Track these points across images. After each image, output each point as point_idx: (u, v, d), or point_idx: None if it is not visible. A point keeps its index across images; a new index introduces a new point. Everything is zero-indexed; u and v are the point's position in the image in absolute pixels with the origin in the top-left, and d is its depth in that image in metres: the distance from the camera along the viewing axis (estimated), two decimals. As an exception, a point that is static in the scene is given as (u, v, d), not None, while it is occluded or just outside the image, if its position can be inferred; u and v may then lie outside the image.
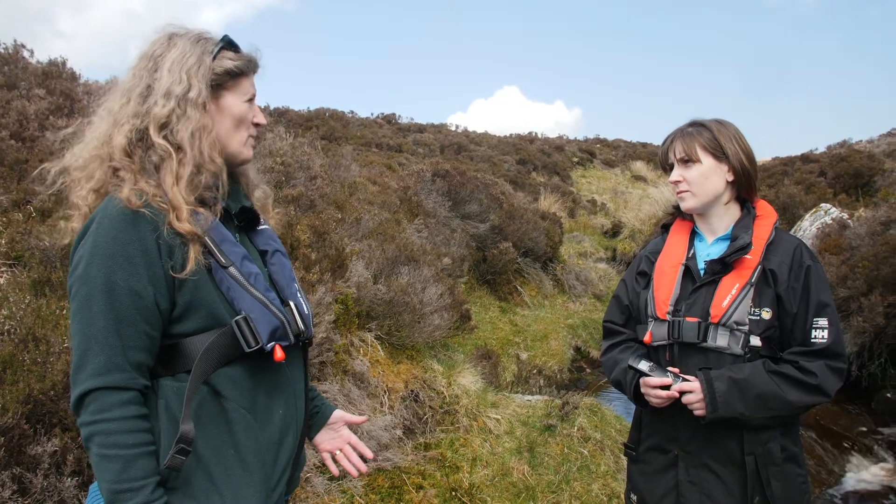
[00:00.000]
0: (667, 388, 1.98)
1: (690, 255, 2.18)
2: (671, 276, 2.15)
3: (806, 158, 13.54)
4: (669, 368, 2.01)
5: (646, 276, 2.27)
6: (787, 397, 1.90)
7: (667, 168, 2.21)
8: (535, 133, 28.83)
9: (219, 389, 1.52)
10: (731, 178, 2.11)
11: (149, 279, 1.45)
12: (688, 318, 2.04)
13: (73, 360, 1.44)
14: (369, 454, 1.93)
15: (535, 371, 6.16)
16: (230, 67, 1.62)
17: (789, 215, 9.91)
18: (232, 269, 1.55)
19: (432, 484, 4.01)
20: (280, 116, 18.44)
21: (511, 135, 27.47)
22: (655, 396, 2.01)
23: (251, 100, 1.69)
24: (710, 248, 2.17)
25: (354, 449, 1.95)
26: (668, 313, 2.09)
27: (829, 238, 7.64)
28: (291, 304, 1.67)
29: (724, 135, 2.10)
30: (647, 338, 2.13)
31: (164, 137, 1.54)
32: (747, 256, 2.02)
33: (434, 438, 4.52)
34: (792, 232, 8.81)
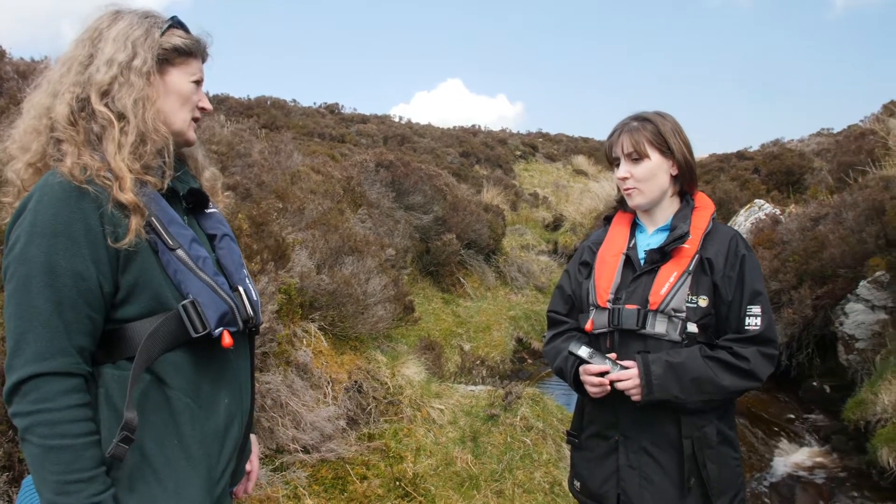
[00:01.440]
0: (606, 374, 2.02)
1: (631, 244, 2.22)
2: (612, 265, 2.18)
3: (741, 156, 13.96)
4: (608, 356, 2.04)
5: (588, 266, 2.30)
6: (721, 382, 1.96)
7: (612, 162, 2.23)
8: (479, 126, 28.93)
9: (162, 377, 1.48)
10: (674, 173, 2.15)
11: (92, 260, 1.39)
12: (627, 306, 2.07)
13: (7, 345, 1.37)
14: (251, 490, 1.89)
15: (478, 362, 6.21)
16: (178, 44, 1.59)
17: (725, 210, 10.17)
18: (179, 252, 1.51)
19: (376, 474, 4.01)
20: (220, 104, 18.04)
21: (454, 127, 27.52)
22: (592, 384, 2.05)
23: (198, 82, 1.66)
24: (650, 239, 2.20)
25: (248, 478, 1.88)
26: (609, 301, 2.12)
27: (762, 233, 7.90)
28: (240, 289, 1.64)
29: (668, 129, 2.13)
30: (588, 325, 2.16)
31: (106, 105, 1.49)
32: (685, 246, 2.07)
33: (378, 429, 4.52)
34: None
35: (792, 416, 6.41)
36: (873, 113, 10.91)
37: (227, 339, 1.53)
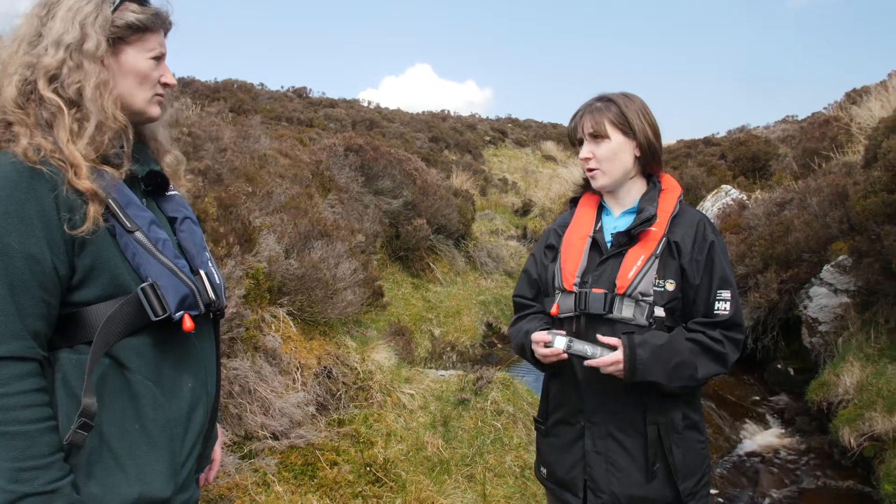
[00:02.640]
0: (585, 360, 1.99)
1: (598, 227, 2.19)
2: (578, 248, 2.15)
3: (708, 142, 14.06)
4: (600, 337, 1.98)
5: (554, 250, 2.26)
6: (698, 367, 1.95)
7: (575, 143, 2.20)
8: (448, 111, 28.85)
9: (122, 361, 1.43)
10: (637, 154, 2.12)
11: (46, 242, 1.34)
12: (594, 290, 2.04)
13: None
14: (211, 479, 1.84)
15: (448, 347, 6.19)
16: (132, 21, 1.51)
17: (692, 196, 10.26)
18: (138, 234, 1.46)
19: (346, 460, 3.97)
20: (185, 87, 17.70)
21: (424, 112, 27.36)
22: (543, 354, 2.03)
23: (159, 58, 1.58)
24: (616, 221, 2.18)
25: (210, 466, 1.83)
26: (575, 285, 2.08)
27: (729, 218, 7.98)
28: (202, 272, 1.60)
29: (631, 109, 2.10)
30: (553, 310, 2.12)
31: (55, 91, 1.43)
32: (652, 229, 2.04)
33: (348, 414, 4.48)
34: (694, 211, 9.12)
35: (757, 398, 6.51)
36: (836, 101, 11.06)
37: (188, 323, 1.48)
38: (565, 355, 1.99)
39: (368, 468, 3.94)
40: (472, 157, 20.37)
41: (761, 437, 5.76)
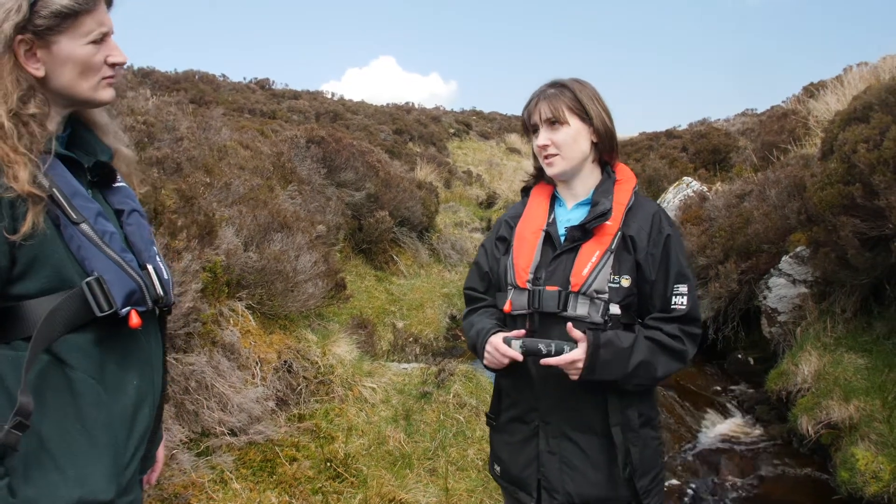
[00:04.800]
0: (545, 357, 1.93)
1: (551, 220, 2.12)
2: (531, 242, 2.07)
3: (670, 134, 14.20)
4: (570, 328, 1.90)
5: (505, 242, 2.19)
6: (656, 367, 1.91)
7: (530, 131, 2.13)
8: (412, 103, 28.72)
9: (64, 358, 1.36)
10: (594, 139, 2.06)
11: None
12: (548, 288, 1.97)
13: None
14: (153, 481, 1.78)
15: (410, 339, 6.15)
16: (58, 8, 1.40)
17: (654, 188, 10.35)
18: (84, 226, 1.39)
19: (306, 455, 3.91)
20: (145, 77, 17.35)
21: (388, 104, 27.20)
22: (495, 359, 1.98)
23: (100, 40, 1.50)
24: (570, 214, 2.12)
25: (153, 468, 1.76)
26: (528, 282, 2.01)
27: (690, 210, 8.05)
28: (150, 267, 1.53)
29: (585, 95, 2.04)
30: (506, 307, 2.06)
31: None
32: (607, 223, 1.98)
33: (308, 409, 4.41)
34: (658, 203, 9.21)
35: (718, 387, 6.57)
36: (794, 94, 11.22)
37: (134, 319, 1.42)
38: (521, 358, 1.94)
39: (329, 464, 3.88)
40: (437, 149, 20.30)
41: (722, 427, 5.81)
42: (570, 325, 1.91)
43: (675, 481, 4.87)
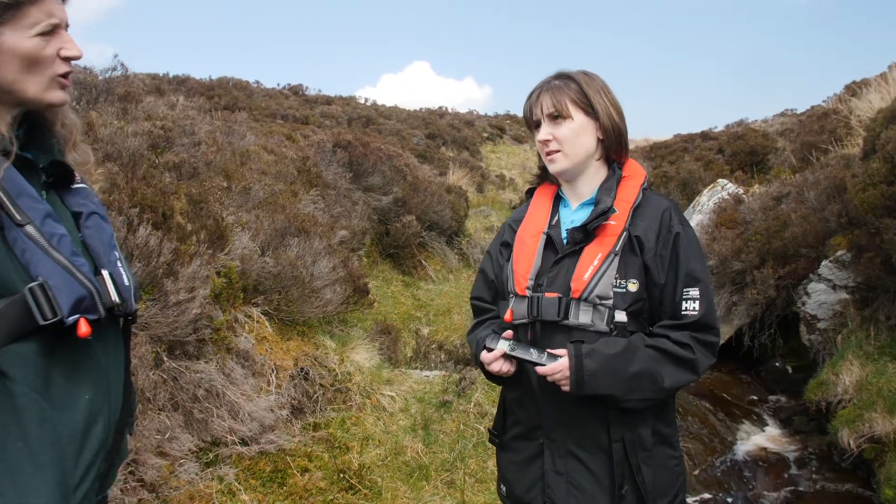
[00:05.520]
0: (535, 366, 1.80)
1: (553, 222, 1.99)
2: (531, 246, 1.94)
3: (706, 136, 13.88)
4: (550, 351, 1.79)
5: (509, 247, 2.06)
6: (662, 376, 1.75)
7: (532, 126, 1.99)
8: (446, 108, 28.68)
9: (4, 370, 1.25)
10: (600, 136, 1.92)
11: None
12: (548, 294, 1.84)
13: None
14: None
15: (434, 346, 6.02)
16: None
17: (689, 191, 10.13)
18: (29, 228, 1.28)
19: (319, 466, 3.80)
20: (180, 84, 17.59)
21: (421, 109, 27.20)
22: (487, 361, 1.86)
23: (50, 32, 1.38)
24: (574, 215, 1.97)
25: None
26: (528, 288, 1.88)
27: (724, 213, 7.80)
28: (105, 272, 1.42)
29: (593, 88, 1.90)
30: (507, 315, 1.93)
31: None
32: (611, 222, 1.84)
33: (324, 418, 4.31)
34: (691, 206, 8.97)
35: (754, 397, 6.34)
36: (836, 93, 10.86)
37: (83, 328, 1.30)
38: (507, 367, 1.82)
39: (342, 475, 3.77)
40: (470, 153, 20.21)
41: (758, 438, 5.60)
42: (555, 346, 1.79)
43: (706, 495, 4.68)
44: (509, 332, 1.86)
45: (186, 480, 3.30)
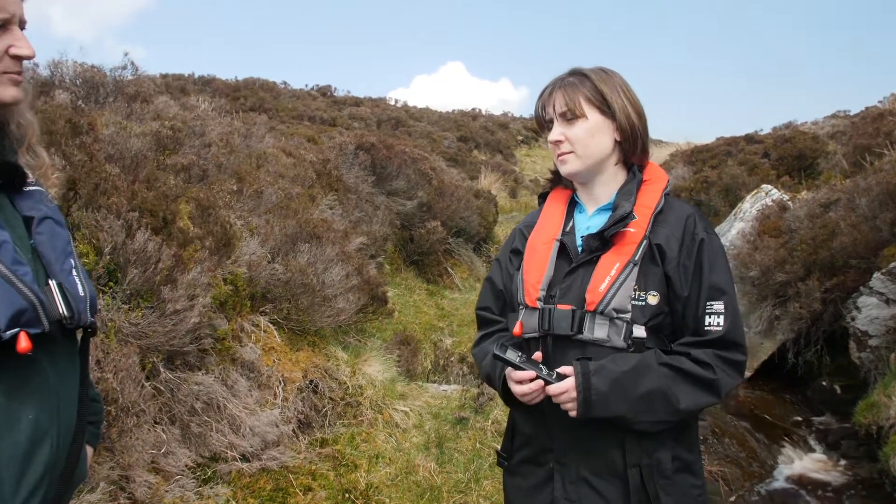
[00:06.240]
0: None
1: (568, 228, 1.92)
2: (543, 254, 1.87)
3: (750, 139, 13.58)
4: (560, 370, 1.72)
5: (519, 255, 1.98)
6: (677, 397, 1.66)
7: (544, 125, 1.91)
8: (479, 110, 28.72)
9: None
10: (618, 137, 1.84)
11: None
12: (560, 306, 1.76)
13: None
14: None
15: (455, 358, 5.94)
16: None
17: (731, 197, 9.92)
18: None
19: (323, 485, 3.73)
20: (205, 85, 17.83)
21: (453, 111, 27.29)
22: (522, 393, 1.74)
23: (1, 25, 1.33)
24: (590, 221, 1.90)
25: None
26: (539, 300, 1.81)
27: (768, 220, 7.59)
28: (52, 282, 1.35)
29: (609, 85, 1.82)
30: (516, 329, 1.85)
31: None
32: (630, 229, 1.76)
33: (333, 433, 4.25)
34: (734, 213, 8.77)
35: (798, 418, 6.15)
36: (893, 93, 10.56)
37: (23, 343, 1.23)
38: (538, 393, 1.72)
39: (347, 495, 3.69)
40: (503, 157, 20.19)
41: (802, 463, 5.43)
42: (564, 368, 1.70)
43: (744, 524, 4.51)
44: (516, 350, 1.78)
45: (181, 498, 3.25)
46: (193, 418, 3.53)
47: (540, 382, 1.71)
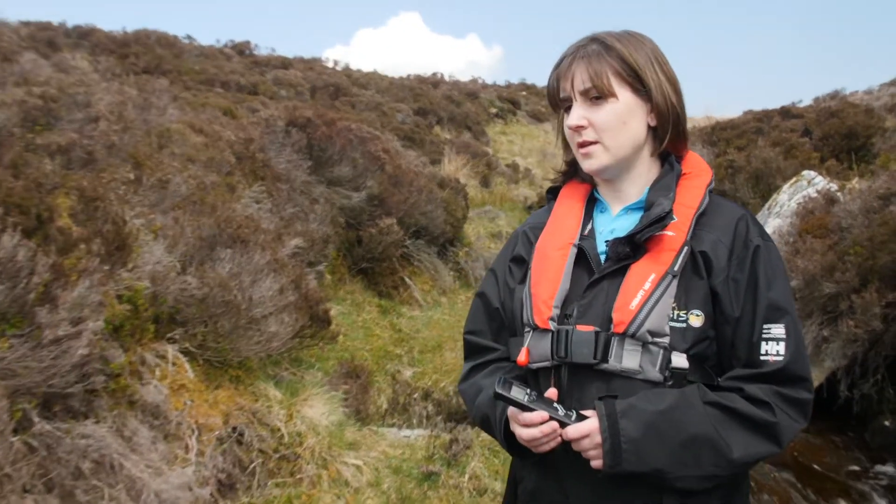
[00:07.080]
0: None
1: (586, 231, 1.91)
2: (557, 263, 1.85)
3: (786, 113, 13.80)
4: (582, 412, 1.69)
5: (523, 264, 1.97)
6: (728, 444, 1.64)
7: (558, 104, 1.90)
8: (441, 74, 28.93)
9: None
10: (653, 123, 1.84)
11: None
12: (580, 327, 1.74)
13: None
14: None
15: (418, 395, 5.92)
16: None
17: (763, 186, 10.04)
18: None
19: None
20: (82, 38, 17.61)
21: (409, 76, 27.52)
22: (531, 438, 1.69)
23: None
24: (615, 223, 1.90)
25: None
26: (553, 319, 1.77)
27: (812, 216, 7.70)
28: None
29: (642, 55, 1.81)
30: (522, 357, 1.81)
31: None
32: (668, 233, 1.75)
33: (263, 497, 4.20)
34: (767, 207, 8.89)
35: (855, 467, 6.23)
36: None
37: None
38: (553, 437, 1.68)
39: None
40: (473, 135, 20.36)
41: (861, 525, 5.48)
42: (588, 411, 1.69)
43: None
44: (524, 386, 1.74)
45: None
46: (79, 483, 3.43)
47: (553, 424, 1.67)
